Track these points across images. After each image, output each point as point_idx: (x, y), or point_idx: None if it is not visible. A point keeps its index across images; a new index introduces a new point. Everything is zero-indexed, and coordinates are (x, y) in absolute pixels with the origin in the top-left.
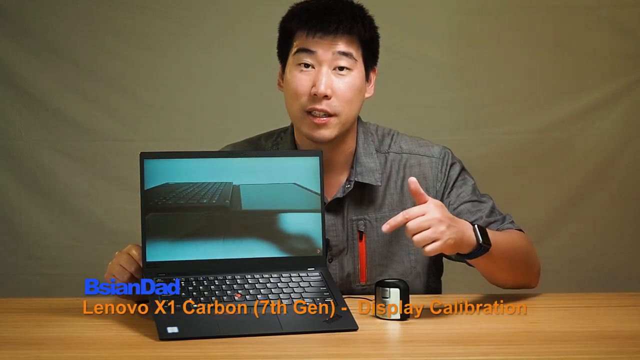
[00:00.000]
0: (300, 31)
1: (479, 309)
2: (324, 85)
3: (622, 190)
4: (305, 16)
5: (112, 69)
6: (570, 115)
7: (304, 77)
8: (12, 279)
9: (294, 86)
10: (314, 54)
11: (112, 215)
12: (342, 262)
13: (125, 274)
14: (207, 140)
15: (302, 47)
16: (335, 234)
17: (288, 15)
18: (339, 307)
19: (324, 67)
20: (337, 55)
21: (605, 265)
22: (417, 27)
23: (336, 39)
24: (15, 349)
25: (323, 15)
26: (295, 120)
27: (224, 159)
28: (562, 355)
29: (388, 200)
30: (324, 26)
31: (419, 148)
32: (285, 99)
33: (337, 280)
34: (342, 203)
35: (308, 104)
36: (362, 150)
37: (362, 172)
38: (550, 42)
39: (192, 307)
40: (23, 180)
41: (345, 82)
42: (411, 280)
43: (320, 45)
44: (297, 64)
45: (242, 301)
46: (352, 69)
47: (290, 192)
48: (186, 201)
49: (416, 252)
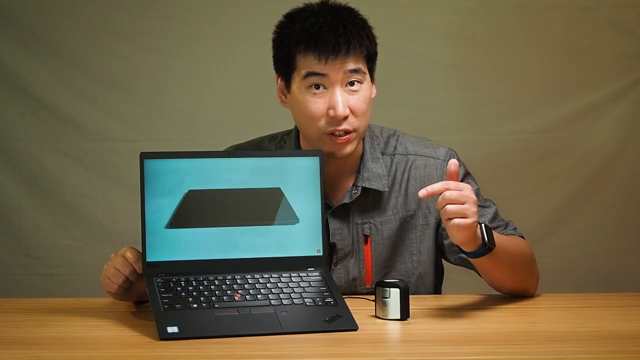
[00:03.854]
0: (308, 55)
1: (479, 309)
2: (342, 106)
3: (622, 190)
4: (312, 41)
5: (112, 69)
6: (570, 115)
7: (318, 100)
8: (12, 279)
9: (309, 110)
10: (325, 76)
11: (112, 215)
12: (348, 266)
13: (120, 276)
14: (207, 140)
15: (312, 71)
16: (341, 238)
17: (287, 37)
18: (339, 307)
19: (337, 87)
20: (348, 74)
21: (605, 265)
22: (417, 27)
23: (347, 59)
24: (15, 349)
25: (329, 37)
26: (313, 141)
27: (224, 159)
28: (562, 355)
29: (392, 203)
30: (334, 50)
31: (425, 149)
32: (296, 117)
33: (343, 284)
34: (348, 208)
35: (327, 126)
36: (369, 155)
37: (369, 178)
38: (550, 42)
39: (192, 307)
40: (23, 180)
41: (358, 97)
42: (413, 281)
43: (332, 68)
44: (308, 86)
45: (242, 301)
46: (362, 82)
47: (290, 192)
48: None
49: (418, 254)
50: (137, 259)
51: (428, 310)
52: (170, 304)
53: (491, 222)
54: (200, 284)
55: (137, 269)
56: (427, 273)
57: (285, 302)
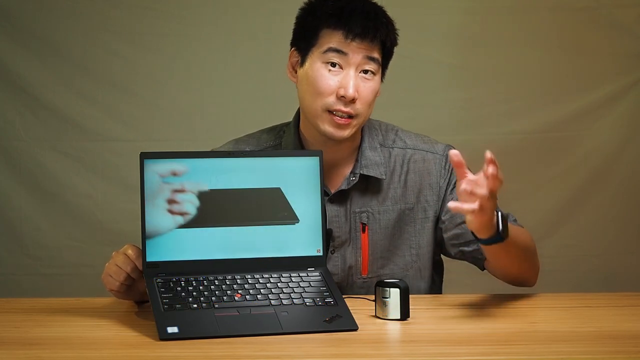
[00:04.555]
0: (336, 31)
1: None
2: (352, 88)
3: (622, 190)
4: (344, 17)
5: (112, 68)
6: (570, 115)
7: (332, 77)
8: (12, 279)
9: (319, 84)
10: (345, 55)
11: (112, 215)
12: (345, 254)
13: (121, 274)
14: (207, 140)
15: (335, 47)
16: (338, 225)
17: (318, 10)
18: (339, 307)
19: (352, 69)
20: (366, 60)
21: (605, 265)
22: (417, 27)
23: (371, 45)
24: (15, 349)
25: (361, 19)
26: (312, 116)
27: (224, 159)
28: (562, 355)
29: (391, 194)
30: (363, 31)
31: (423, 144)
32: (302, 92)
33: (339, 272)
34: (346, 195)
35: (333, 104)
36: (367, 144)
37: (367, 165)
38: (550, 42)
39: (192, 307)
40: (23, 180)
41: (369, 86)
42: (412, 274)
43: (354, 49)
44: (325, 62)
45: (242, 301)
46: (376, 73)
47: (290, 192)
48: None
49: (417, 247)
50: (137, 256)
51: (428, 310)
52: (170, 304)
53: None
54: (200, 284)
55: (138, 266)
56: (426, 267)
57: (285, 302)
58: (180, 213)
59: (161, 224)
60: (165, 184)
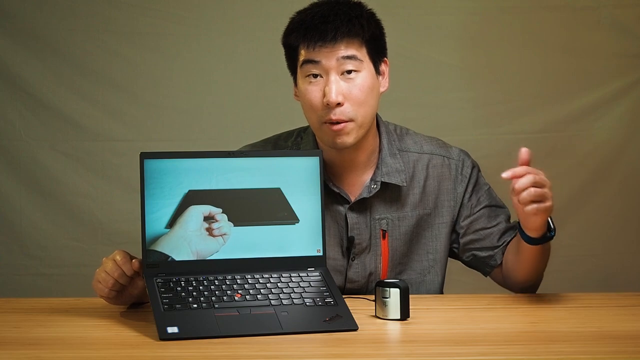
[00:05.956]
0: (302, 44)
1: (479, 309)
2: (334, 93)
3: (622, 190)
4: (302, 29)
5: (112, 69)
6: (570, 115)
7: (315, 88)
8: (12, 279)
9: (307, 99)
10: (318, 63)
11: (112, 215)
12: (364, 261)
13: (109, 280)
14: (207, 141)
15: (306, 58)
16: (359, 232)
17: (288, 29)
18: (339, 307)
19: (331, 75)
20: (342, 61)
21: (605, 265)
22: (420, 28)
23: (336, 45)
24: (15, 349)
25: (319, 25)
26: (315, 130)
27: (224, 159)
28: (562, 355)
29: (410, 199)
30: (322, 36)
31: (439, 149)
32: (304, 111)
33: (359, 279)
34: (367, 202)
35: (324, 115)
36: (387, 151)
37: (388, 173)
38: (550, 42)
39: (192, 307)
40: (23, 180)
41: (355, 85)
42: (430, 279)
43: (323, 54)
44: (305, 76)
45: (242, 301)
46: (359, 70)
47: (290, 192)
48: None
49: (435, 252)
50: (125, 261)
51: (428, 310)
52: (170, 304)
53: (507, 222)
54: (200, 284)
55: (126, 271)
56: (441, 271)
57: (285, 302)
58: (221, 235)
59: (209, 247)
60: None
